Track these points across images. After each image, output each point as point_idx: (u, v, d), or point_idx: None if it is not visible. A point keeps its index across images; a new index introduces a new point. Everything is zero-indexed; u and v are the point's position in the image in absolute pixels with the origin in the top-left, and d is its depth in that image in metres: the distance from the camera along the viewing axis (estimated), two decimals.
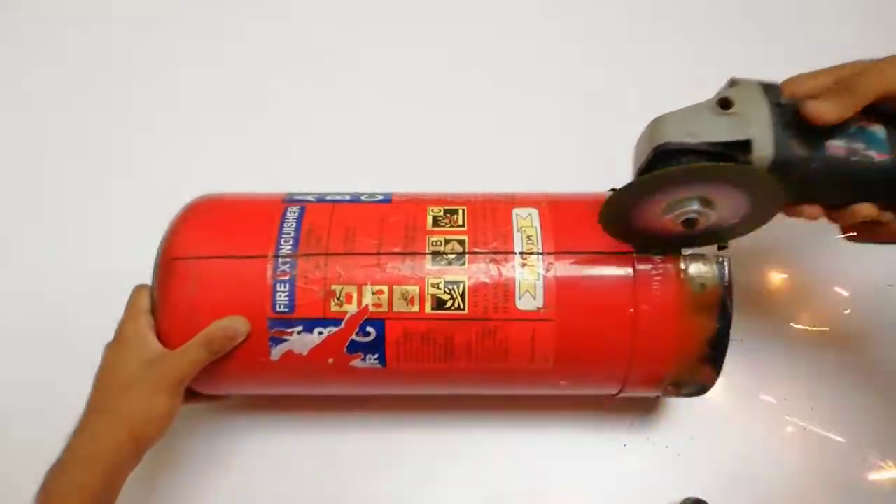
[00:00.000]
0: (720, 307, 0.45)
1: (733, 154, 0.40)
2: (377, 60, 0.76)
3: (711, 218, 0.42)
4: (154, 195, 0.55)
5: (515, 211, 0.49)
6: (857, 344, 0.61)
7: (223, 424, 0.59)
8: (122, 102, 0.74)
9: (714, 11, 0.76)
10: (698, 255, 0.46)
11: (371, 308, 0.45)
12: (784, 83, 0.41)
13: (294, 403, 0.59)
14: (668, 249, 0.46)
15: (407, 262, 0.46)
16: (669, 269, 0.46)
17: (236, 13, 0.79)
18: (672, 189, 0.41)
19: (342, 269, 0.46)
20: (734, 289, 0.45)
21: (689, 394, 0.50)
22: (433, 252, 0.46)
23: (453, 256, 0.46)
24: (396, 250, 0.46)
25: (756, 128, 0.39)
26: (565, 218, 0.48)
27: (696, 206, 0.41)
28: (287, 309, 0.45)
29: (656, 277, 0.46)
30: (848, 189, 0.42)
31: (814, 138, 0.40)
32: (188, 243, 0.47)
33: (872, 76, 0.39)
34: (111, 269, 0.55)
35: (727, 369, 0.47)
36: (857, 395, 0.59)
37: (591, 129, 0.70)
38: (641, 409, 0.59)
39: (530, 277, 0.46)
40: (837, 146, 0.40)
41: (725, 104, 0.40)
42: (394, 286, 0.46)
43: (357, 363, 0.47)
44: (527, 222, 0.48)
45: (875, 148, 0.40)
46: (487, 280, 0.46)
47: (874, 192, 0.42)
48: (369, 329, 0.46)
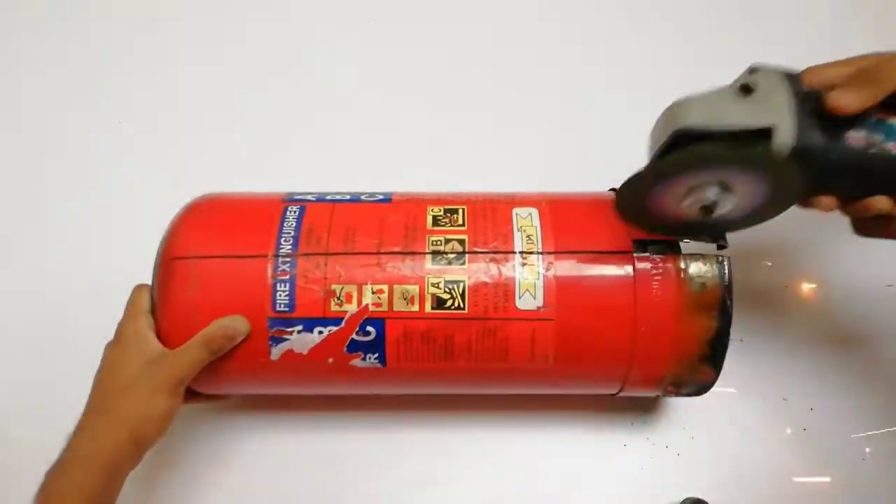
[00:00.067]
0: (720, 307, 0.45)
1: (754, 140, 0.39)
2: (377, 60, 0.76)
3: (728, 205, 0.42)
4: (154, 195, 0.55)
5: (515, 210, 0.49)
6: (857, 344, 0.61)
7: (223, 424, 0.59)
8: (122, 102, 0.75)
9: (714, 11, 0.76)
10: (698, 255, 0.46)
11: (371, 307, 0.45)
12: (804, 72, 0.41)
13: (294, 403, 0.59)
14: (684, 236, 0.46)
15: (407, 262, 0.46)
16: (669, 269, 0.46)
17: (236, 13, 0.79)
18: (692, 173, 0.41)
19: (342, 269, 0.46)
20: (734, 288, 0.45)
21: (689, 393, 0.50)
22: (433, 251, 0.46)
23: (453, 256, 0.46)
24: (396, 250, 0.46)
25: (777, 115, 0.39)
26: (565, 218, 0.48)
27: (715, 192, 0.41)
28: (287, 308, 0.45)
29: (656, 277, 0.45)
30: (865, 181, 0.41)
31: (834, 128, 0.39)
32: (188, 243, 0.47)
33: (894, 66, 0.39)
34: (111, 269, 0.55)
35: (727, 369, 0.47)
36: (857, 395, 0.59)
37: (591, 129, 0.70)
38: (641, 409, 0.59)
39: (530, 277, 0.46)
40: (857, 137, 0.40)
41: (747, 90, 0.40)
42: (394, 285, 0.45)
43: (357, 362, 0.47)
44: (527, 222, 0.48)
45: (893, 140, 0.40)
46: (487, 279, 0.46)
47: (891, 185, 0.41)
48: (369, 328, 0.46)
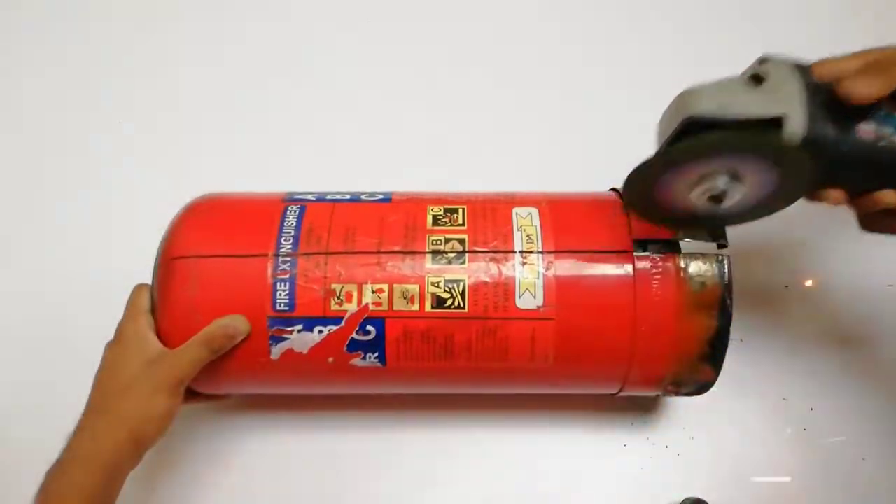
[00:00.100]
0: (720, 306, 0.45)
1: (765, 130, 0.39)
2: (377, 60, 0.76)
3: (738, 195, 0.42)
4: (154, 195, 0.56)
5: (515, 210, 0.49)
6: (857, 344, 0.61)
7: (223, 424, 0.59)
8: (122, 102, 0.75)
9: (714, 11, 0.76)
10: (698, 254, 0.46)
11: (371, 307, 0.45)
12: (814, 65, 0.40)
13: (294, 403, 0.59)
14: (691, 227, 0.46)
15: (407, 261, 0.46)
16: (669, 268, 0.46)
17: (236, 13, 0.79)
18: (702, 161, 0.40)
19: (342, 268, 0.46)
20: (734, 288, 0.45)
21: (689, 393, 0.50)
22: (433, 251, 0.46)
23: (453, 255, 0.46)
24: (396, 249, 0.46)
25: (788, 105, 0.39)
26: (565, 217, 0.48)
27: (725, 181, 0.41)
28: (287, 308, 0.45)
29: (656, 276, 0.45)
30: (874, 174, 0.41)
31: (844, 120, 0.39)
32: (188, 243, 0.47)
33: None
34: (111, 269, 0.55)
35: (727, 369, 0.47)
36: (857, 395, 0.59)
37: (591, 129, 0.70)
38: (641, 409, 0.59)
39: (530, 276, 0.46)
40: (867, 130, 0.39)
41: (757, 80, 0.40)
42: (394, 285, 0.45)
43: (357, 362, 0.47)
44: (527, 221, 0.48)
45: None
46: (487, 279, 0.46)
47: None
48: (369, 328, 0.46)
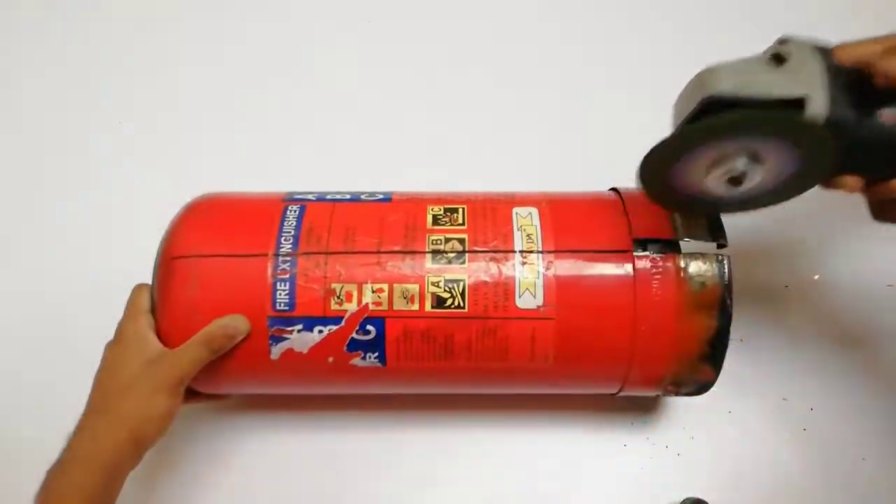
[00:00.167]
0: (720, 306, 0.45)
1: (786, 110, 0.38)
2: (377, 60, 0.76)
3: (757, 177, 0.41)
4: (154, 195, 0.56)
5: (515, 210, 0.49)
6: (857, 344, 0.61)
7: (223, 424, 0.59)
8: (122, 102, 0.75)
9: (714, 11, 0.76)
10: (698, 254, 0.46)
11: (371, 306, 0.45)
12: (834, 49, 0.40)
13: (294, 403, 0.59)
14: (708, 213, 0.45)
15: (407, 261, 0.46)
16: (669, 268, 0.46)
17: (236, 13, 0.79)
18: (722, 140, 0.39)
19: (342, 268, 0.46)
20: (734, 288, 0.45)
21: (689, 393, 0.50)
22: (433, 251, 0.46)
23: (453, 255, 0.46)
24: (396, 249, 0.46)
25: (810, 86, 0.38)
26: (565, 217, 0.48)
27: (744, 163, 0.40)
28: (287, 307, 0.45)
29: (656, 276, 0.45)
30: (894, 159, 0.41)
31: (865, 104, 0.39)
32: (188, 242, 0.47)
33: None
34: (111, 269, 0.55)
35: (727, 369, 0.47)
36: (857, 395, 0.59)
37: (591, 129, 0.70)
38: (641, 409, 0.59)
39: (530, 276, 0.46)
40: (889, 115, 0.39)
41: (779, 59, 0.39)
42: (394, 284, 0.45)
43: (357, 362, 0.47)
44: (527, 221, 0.48)
45: None
46: (487, 279, 0.46)
47: None
48: (369, 327, 0.46)
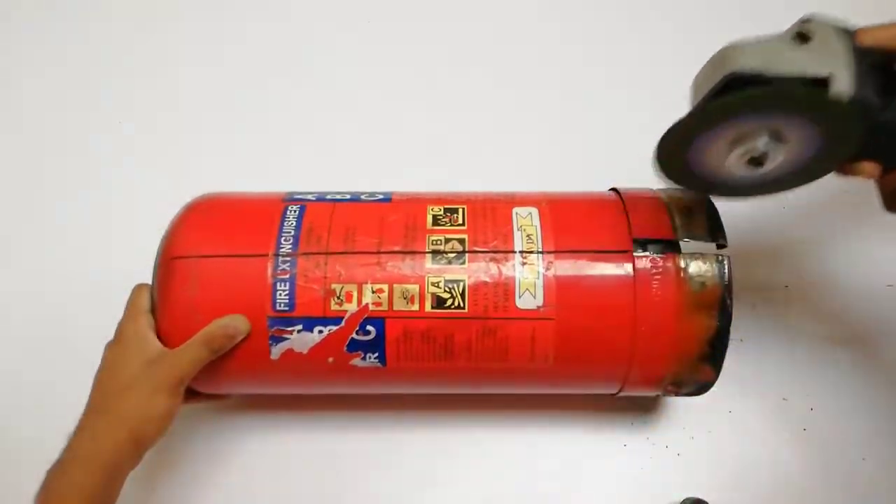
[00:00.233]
0: (720, 306, 0.45)
1: (813, 88, 0.38)
2: (377, 60, 0.76)
3: (779, 157, 0.40)
4: (154, 195, 0.56)
5: (515, 210, 0.49)
6: (858, 344, 0.61)
7: (223, 424, 0.59)
8: (122, 102, 0.75)
9: (714, 11, 0.76)
10: (698, 254, 0.46)
11: (371, 307, 0.45)
12: (858, 31, 0.40)
13: (294, 403, 0.59)
14: (725, 196, 0.44)
15: (407, 261, 0.46)
16: (669, 268, 0.46)
17: (236, 13, 0.79)
18: (745, 117, 0.38)
19: (342, 268, 0.46)
20: (734, 288, 0.45)
21: (689, 393, 0.50)
22: (433, 251, 0.46)
23: (453, 255, 0.46)
24: (396, 249, 0.46)
25: (835, 65, 0.37)
26: (565, 217, 0.48)
27: (766, 142, 0.39)
28: (287, 307, 0.45)
29: (656, 276, 0.45)
30: None
31: (888, 88, 0.38)
32: (188, 242, 0.47)
33: None
34: (111, 269, 0.55)
35: (727, 369, 0.47)
36: (857, 395, 0.59)
37: (591, 129, 0.70)
38: (641, 409, 0.59)
39: (530, 276, 0.46)
40: None
41: (803, 38, 0.38)
42: (394, 285, 0.45)
43: (357, 362, 0.47)
44: (527, 221, 0.48)
45: None
46: (487, 279, 0.46)
47: None
48: (369, 328, 0.46)
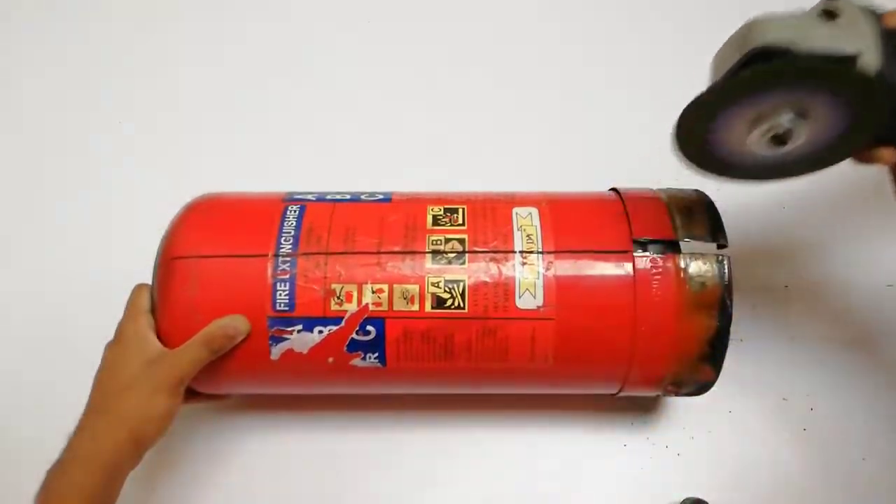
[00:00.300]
0: (720, 306, 0.45)
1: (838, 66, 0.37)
2: (377, 60, 0.76)
3: (801, 137, 0.40)
4: (154, 195, 0.56)
5: (515, 210, 0.49)
6: (858, 344, 0.61)
7: (223, 424, 0.59)
8: (122, 102, 0.75)
9: (714, 11, 0.76)
10: (698, 254, 0.46)
11: (371, 307, 0.45)
12: (886, 14, 0.39)
13: (294, 403, 0.59)
14: (744, 179, 0.44)
15: (407, 261, 0.46)
16: (669, 269, 0.46)
17: (236, 13, 0.79)
18: (770, 92, 0.38)
19: (342, 268, 0.46)
20: (734, 288, 0.45)
21: (689, 393, 0.50)
22: (433, 251, 0.46)
23: (453, 255, 0.46)
24: (396, 249, 0.46)
25: (863, 43, 0.37)
26: (565, 217, 0.48)
27: (790, 118, 0.39)
28: (287, 308, 0.45)
29: (656, 276, 0.45)
30: None
31: None
32: (188, 242, 0.47)
33: None
34: (111, 269, 0.55)
35: (727, 369, 0.47)
36: (857, 395, 0.59)
37: (591, 129, 0.70)
38: (641, 409, 0.59)
39: (530, 276, 0.46)
40: None
41: (831, 15, 0.38)
42: (394, 285, 0.45)
43: (357, 362, 0.47)
44: (527, 221, 0.48)
45: None
46: (487, 279, 0.46)
47: None
48: (369, 328, 0.46)
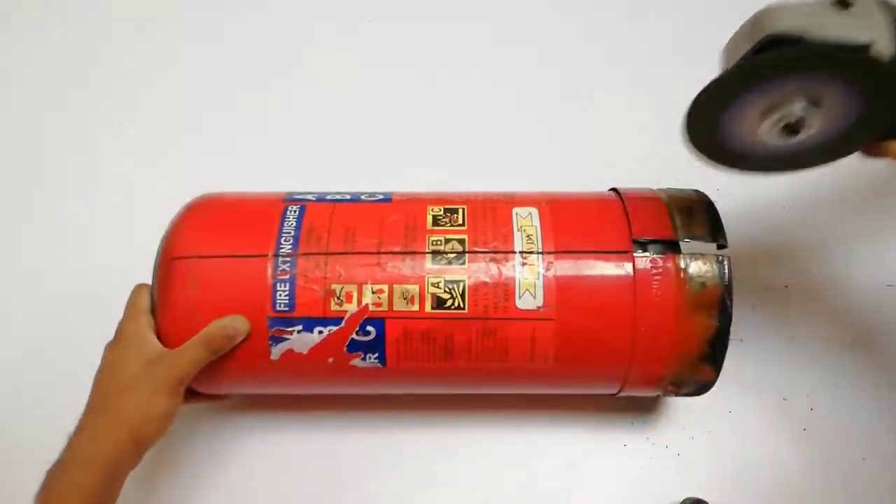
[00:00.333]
0: (720, 306, 0.45)
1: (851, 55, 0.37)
2: (377, 60, 0.76)
3: (813, 127, 0.40)
4: (154, 195, 0.56)
5: (515, 210, 0.49)
6: (858, 344, 0.61)
7: (223, 424, 0.59)
8: (122, 102, 0.75)
9: (714, 11, 0.76)
10: (698, 254, 0.46)
11: (371, 307, 0.45)
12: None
13: (294, 403, 0.59)
14: (755, 170, 0.44)
15: (407, 262, 0.46)
16: (669, 269, 0.46)
17: (236, 13, 0.79)
18: (784, 79, 0.38)
19: (342, 269, 0.46)
20: (734, 288, 0.45)
21: (689, 393, 0.50)
22: (433, 251, 0.46)
23: (453, 256, 0.46)
24: (396, 249, 0.46)
25: (877, 32, 0.37)
26: (565, 217, 0.48)
27: (802, 107, 0.39)
28: (287, 308, 0.45)
29: (656, 277, 0.45)
30: None
31: None
32: (188, 243, 0.47)
33: None
34: (111, 269, 0.55)
35: (727, 369, 0.47)
36: (857, 396, 0.59)
37: (591, 129, 0.70)
38: (641, 409, 0.59)
39: (530, 277, 0.46)
40: None
41: (844, 4, 0.38)
42: (394, 285, 0.45)
43: (357, 362, 0.47)
44: (527, 221, 0.48)
45: None
46: (487, 279, 0.46)
47: None
48: (369, 328, 0.46)
